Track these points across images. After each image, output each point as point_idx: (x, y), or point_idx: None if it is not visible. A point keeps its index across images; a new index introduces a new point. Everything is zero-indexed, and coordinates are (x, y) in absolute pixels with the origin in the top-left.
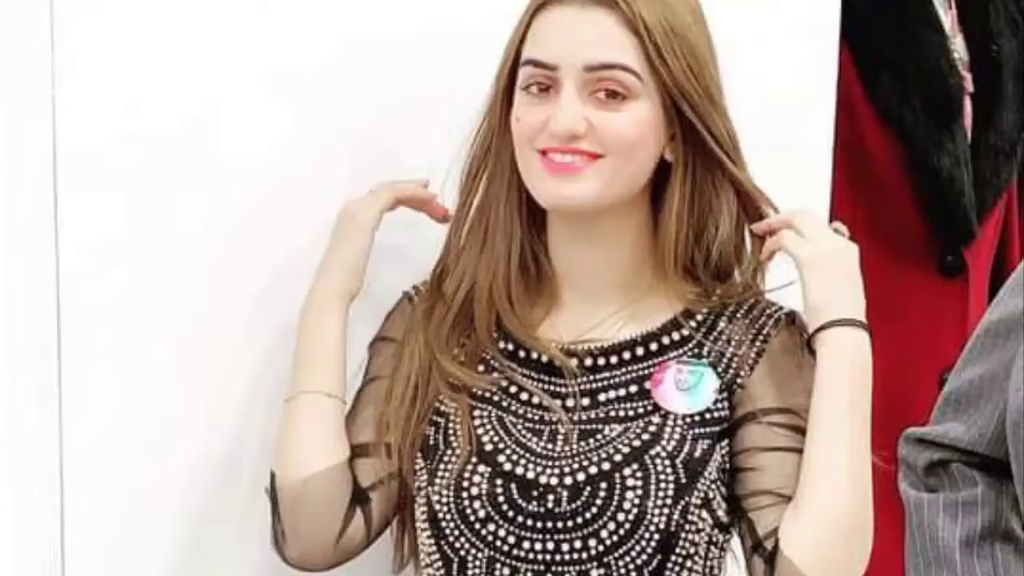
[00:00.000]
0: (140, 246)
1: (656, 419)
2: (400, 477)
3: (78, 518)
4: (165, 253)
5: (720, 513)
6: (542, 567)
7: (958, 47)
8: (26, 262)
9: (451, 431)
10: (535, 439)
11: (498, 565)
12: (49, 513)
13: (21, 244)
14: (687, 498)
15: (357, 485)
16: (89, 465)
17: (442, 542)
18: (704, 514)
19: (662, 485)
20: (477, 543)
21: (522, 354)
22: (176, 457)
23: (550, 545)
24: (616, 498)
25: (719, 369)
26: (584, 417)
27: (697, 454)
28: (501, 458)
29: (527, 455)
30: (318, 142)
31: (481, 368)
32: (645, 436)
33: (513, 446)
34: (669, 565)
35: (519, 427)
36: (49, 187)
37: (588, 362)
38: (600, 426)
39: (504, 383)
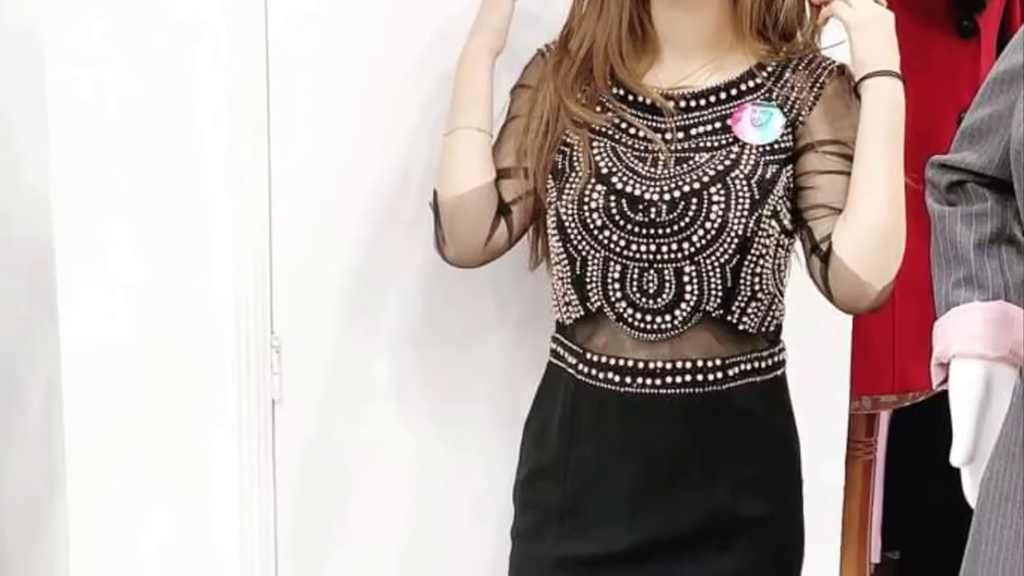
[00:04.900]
0: (334, 15)
1: (735, 149)
2: (535, 194)
3: (285, 224)
4: (352, 20)
5: (786, 222)
6: (646, 264)
7: None
8: (240, 24)
9: (575, 158)
10: (640, 164)
11: (611, 263)
12: (262, 221)
13: (236, 10)
14: (760, 210)
15: (501, 200)
16: (295, 181)
17: (568, 245)
18: (773, 223)
19: (740, 200)
20: (595, 245)
21: (631, 98)
22: (361, 179)
23: (652, 247)
24: (704, 210)
25: (785, 109)
26: (679, 147)
27: (768, 176)
28: (614, 179)
29: (634, 177)
30: None
31: (598, 109)
32: (727, 162)
33: (623, 170)
34: (746, 263)
35: (628, 155)
36: None
37: (682, 104)
38: (691, 154)
39: (616, 120)
